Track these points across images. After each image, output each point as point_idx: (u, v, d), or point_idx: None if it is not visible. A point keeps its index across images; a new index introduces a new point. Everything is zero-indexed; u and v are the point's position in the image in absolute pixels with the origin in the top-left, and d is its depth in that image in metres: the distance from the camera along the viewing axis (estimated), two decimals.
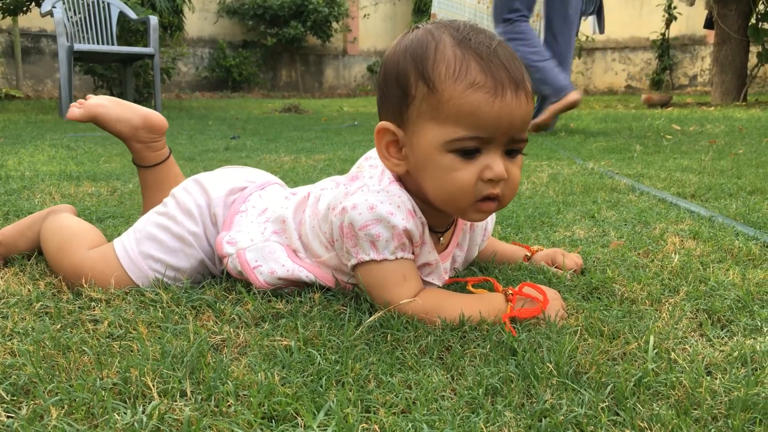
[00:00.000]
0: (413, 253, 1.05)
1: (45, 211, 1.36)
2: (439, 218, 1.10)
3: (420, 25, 1.04)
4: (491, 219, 1.27)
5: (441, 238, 1.14)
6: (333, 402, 0.73)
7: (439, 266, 1.11)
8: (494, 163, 0.97)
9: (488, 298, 1.03)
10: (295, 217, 1.15)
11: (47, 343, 0.89)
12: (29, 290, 1.12)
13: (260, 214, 1.19)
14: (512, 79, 0.96)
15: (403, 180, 1.05)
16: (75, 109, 1.36)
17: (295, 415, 0.71)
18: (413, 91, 0.98)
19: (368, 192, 1.02)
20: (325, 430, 0.68)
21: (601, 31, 6.14)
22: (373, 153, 1.10)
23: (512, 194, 1.02)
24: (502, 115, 0.95)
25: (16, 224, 1.35)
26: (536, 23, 7.96)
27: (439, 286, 1.12)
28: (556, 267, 1.26)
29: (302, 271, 1.10)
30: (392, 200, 1.01)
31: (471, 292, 1.09)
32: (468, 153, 0.97)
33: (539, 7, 7.91)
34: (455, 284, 1.16)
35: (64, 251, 1.19)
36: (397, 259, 1.02)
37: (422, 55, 0.98)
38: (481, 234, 1.25)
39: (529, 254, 1.31)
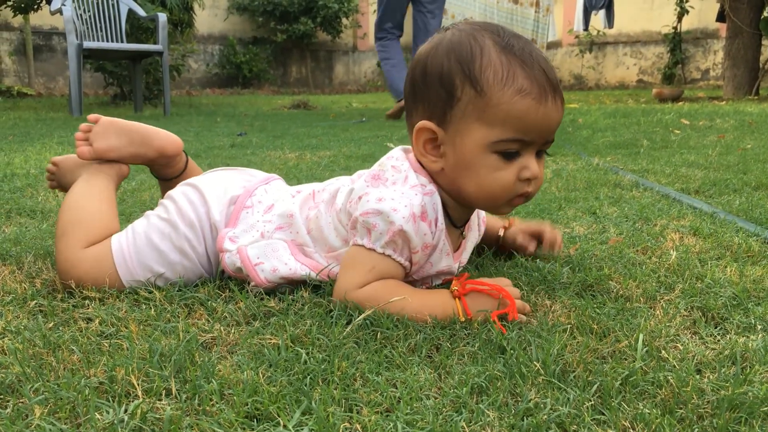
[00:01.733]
0: (411, 261, 1.05)
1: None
2: (463, 214, 1.14)
3: (454, 26, 1.07)
4: None
5: (462, 232, 1.18)
6: (315, 401, 0.73)
7: (452, 270, 1.13)
8: (531, 164, 1.03)
9: (434, 295, 1.03)
10: (302, 212, 1.16)
11: (38, 341, 0.90)
12: (25, 288, 1.13)
13: (267, 210, 1.19)
14: (552, 85, 1.01)
15: (434, 178, 1.07)
16: (85, 149, 1.31)
17: (277, 414, 0.71)
18: (459, 93, 1.01)
19: (384, 189, 1.04)
20: (302, 429, 0.68)
21: (611, 25, 6.10)
22: (396, 153, 1.11)
23: (538, 190, 1.08)
24: (544, 121, 1.01)
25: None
26: (546, 17, 7.92)
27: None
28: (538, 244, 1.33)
29: (304, 269, 1.10)
30: (402, 200, 1.02)
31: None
32: (510, 154, 1.02)
33: (548, 0, 7.88)
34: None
35: (63, 240, 1.16)
36: (384, 254, 1.02)
37: (468, 59, 1.01)
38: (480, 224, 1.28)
39: (506, 226, 1.33)
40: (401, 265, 1.05)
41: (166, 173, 1.42)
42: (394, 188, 1.04)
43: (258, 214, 1.18)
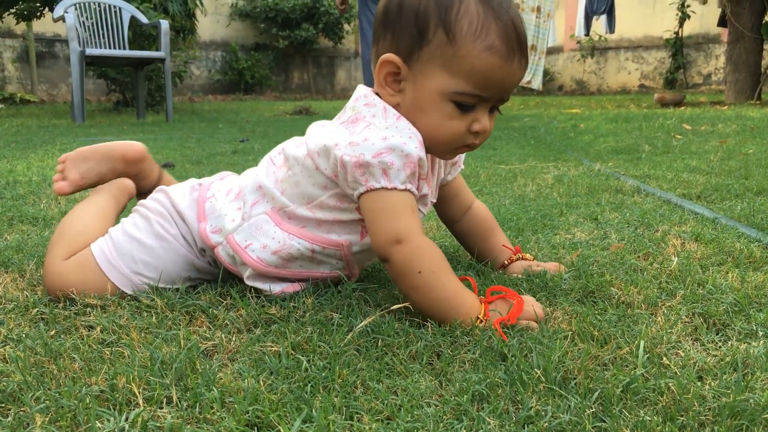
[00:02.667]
0: (417, 188, 1.07)
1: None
2: None
3: None
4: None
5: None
6: (316, 409, 0.73)
7: (428, 195, 1.15)
8: (483, 118, 1.07)
9: (467, 292, 1.03)
10: (269, 179, 1.15)
11: (39, 349, 0.90)
12: (27, 296, 1.13)
13: (227, 194, 1.19)
14: (521, 46, 1.04)
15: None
16: (62, 184, 1.34)
17: (277, 422, 0.71)
18: (430, 35, 1.02)
19: (377, 128, 1.04)
20: None
21: (612, 30, 6.12)
22: (361, 92, 1.12)
23: (483, 142, 1.12)
24: (506, 80, 1.04)
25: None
26: (547, 23, 7.93)
27: (424, 214, 1.17)
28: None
29: (293, 239, 1.10)
30: (403, 133, 1.03)
31: None
32: (466, 107, 1.05)
33: (549, 6, 7.89)
34: None
35: (47, 255, 1.17)
36: (406, 189, 1.03)
37: (447, 3, 1.02)
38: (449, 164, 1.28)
39: (507, 262, 1.30)
40: (414, 196, 1.06)
41: (142, 186, 1.43)
42: (386, 123, 1.05)
43: (221, 199, 1.18)
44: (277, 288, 1.13)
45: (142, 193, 1.43)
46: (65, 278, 1.13)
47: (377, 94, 1.10)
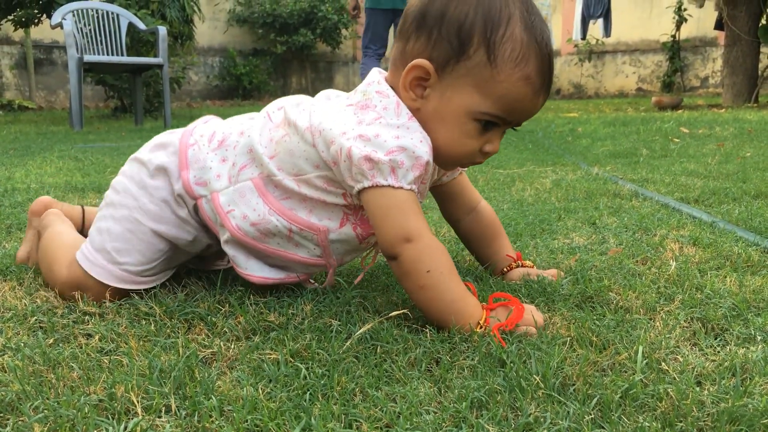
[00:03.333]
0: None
1: (37, 224, 1.38)
2: None
3: None
4: None
5: None
6: (315, 417, 0.73)
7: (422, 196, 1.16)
8: (495, 141, 1.08)
9: (473, 301, 1.02)
10: (262, 138, 1.13)
11: (37, 358, 0.90)
12: (25, 304, 1.13)
13: (210, 140, 1.17)
14: (550, 81, 1.05)
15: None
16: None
17: (276, 430, 0.71)
18: (471, 51, 1.01)
19: (388, 126, 1.03)
20: None
21: (608, 34, 6.15)
22: (374, 77, 1.09)
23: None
24: (530, 110, 1.06)
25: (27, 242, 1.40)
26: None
27: None
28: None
29: (273, 215, 1.10)
30: (414, 135, 1.03)
31: None
32: (488, 126, 1.05)
33: (546, 10, 7.89)
34: None
35: (51, 272, 1.22)
36: (411, 190, 1.03)
37: (494, 22, 1.00)
38: None
39: (506, 269, 1.30)
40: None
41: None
42: (397, 120, 1.03)
43: (204, 148, 1.16)
44: (256, 272, 1.15)
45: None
46: (68, 285, 1.16)
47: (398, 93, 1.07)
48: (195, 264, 1.33)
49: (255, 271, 1.16)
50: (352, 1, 6.28)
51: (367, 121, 1.04)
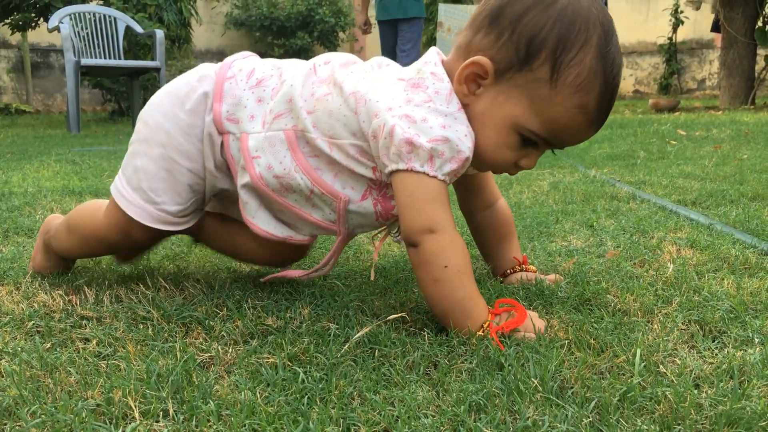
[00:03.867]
0: None
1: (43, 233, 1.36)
2: None
3: None
4: None
5: None
6: (313, 421, 0.73)
7: None
8: (532, 158, 1.07)
9: (482, 303, 1.02)
10: (304, 90, 1.10)
11: (35, 363, 0.89)
12: (22, 308, 1.13)
13: (249, 76, 1.14)
14: (607, 114, 1.03)
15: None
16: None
17: None
18: (536, 65, 0.98)
19: (436, 112, 1.00)
20: None
21: None
22: (431, 57, 1.07)
23: None
24: (577, 138, 1.05)
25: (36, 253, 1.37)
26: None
27: None
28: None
29: (298, 172, 1.08)
30: (460, 128, 1.01)
31: None
32: (528, 143, 1.04)
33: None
34: None
35: (82, 237, 1.25)
36: (443, 182, 1.01)
37: (567, 43, 0.97)
38: None
39: (509, 271, 1.30)
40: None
41: None
42: (447, 108, 1.01)
43: (242, 83, 1.13)
44: (262, 224, 1.14)
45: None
46: (102, 232, 1.21)
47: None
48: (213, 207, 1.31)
49: (262, 223, 1.14)
50: (361, 17, 6.46)
51: (416, 101, 1.01)
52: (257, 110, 1.11)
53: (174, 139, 1.14)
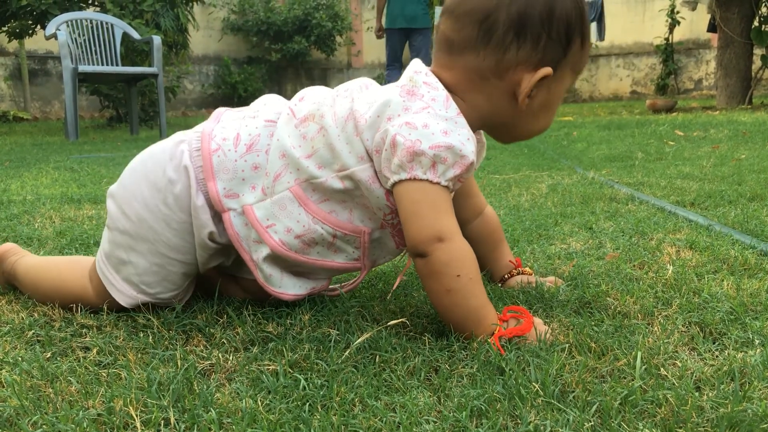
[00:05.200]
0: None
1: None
2: None
3: None
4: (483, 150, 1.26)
5: None
6: (314, 428, 0.73)
7: None
8: None
9: (493, 310, 1.01)
10: (292, 140, 1.06)
11: (35, 372, 0.89)
12: (22, 318, 1.13)
13: (236, 143, 1.08)
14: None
15: (471, 109, 1.06)
16: None
17: None
18: (573, 43, 1.05)
19: (437, 117, 1.00)
20: None
21: (602, 38, 6.20)
22: (419, 67, 1.06)
23: None
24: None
25: None
26: None
27: None
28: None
29: (317, 224, 1.06)
30: (462, 132, 1.01)
31: None
32: None
33: None
34: None
35: (60, 296, 1.18)
36: (448, 188, 1.00)
37: (585, 12, 1.07)
38: None
39: (507, 276, 1.30)
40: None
41: None
42: (446, 113, 1.01)
43: (231, 154, 1.07)
44: (289, 289, 1.12)
45: None
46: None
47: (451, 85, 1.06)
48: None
49: (288, 288, 1.12)
50: (377, 23, 7.03)
51: (414, 109, 1.01)
52: (255, 179, 1.08)
53: (162, 236, 1.10)
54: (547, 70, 1.02)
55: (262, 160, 1.08)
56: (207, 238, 1.09)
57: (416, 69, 1.06)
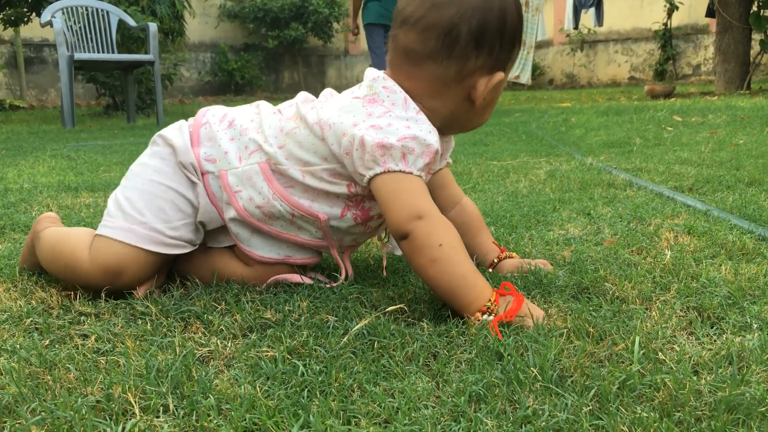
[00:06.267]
0: None
1: (31, 232, 1.33)
2: None
3: None
4: (449, 147, 1.32)
5: None
6: (313, 414, 0.73)
7: None
8: None
9: (483, 278, 1.03)
10: (272, 130, 1.18)
11: (34, 360, 0.89)
12: (20, 306, 1.13)
13: (221, 120, 1.22)
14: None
15: (431, 110, 1.13)
16: None
17: (275, 428, 0.71)
18: (515, 47, 1.14)
19: (398, 117, 1.08)
20: None
21: (600, 23, 6.19)
22: (375, 73, 1.15)
23: None
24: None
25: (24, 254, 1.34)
26: (536, 17, 7.93)
27: None
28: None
29: (276, 200, 1.14)
30: (423, 126, 1.09)
31: None
32: None
33: (537, 0, 7.89)
34: None
35: (70, 266, 1.17)
36: (420, 177, 1.08)
37: (522, 21, 1.15)
38: None
39: (495, 260, 1.30)
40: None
41: None
42: (406, 114, 1.09)
43: (215, 126, 1.21)
44: (258, 250, 1.19)
45: None
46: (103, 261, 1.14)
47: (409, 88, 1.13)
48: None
49: (257, 249, 1.20)
50: (352, 22, 6.84)
51: (377, 114, 1.08)
52: (231, 147, 1.18)
53: (153, 166, 1.20)
54: (500, 75, 1.12)
55: (237, 134, 1.19)
56: (189, 164, 1.18)
57: (373, 76, 1.14)
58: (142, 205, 1.16)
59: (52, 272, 1.24)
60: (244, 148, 1.17)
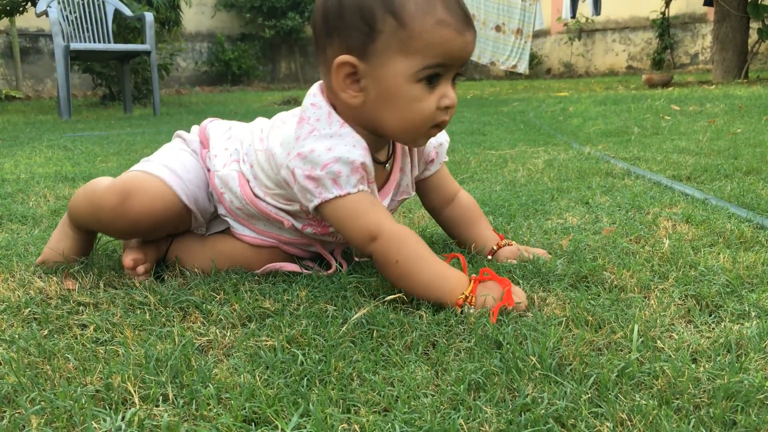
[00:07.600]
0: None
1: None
2: (379, 148, 1.19)
3: None
4: (443, 149, 1.32)
5: (387, 166, 1.22)
6: (313, 403, 0.73)
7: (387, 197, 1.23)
8: (449, 92, 1.08)
9: (454, 274, 1.03)
10: (250, 148, 1.21)
11: (32, 350, 0.89)
12: (18, 296, 1.12)
13: (225, 131, 1.28)
14: (467, 19, 1.06)
15: (352, 115, 1.10)
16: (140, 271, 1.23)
17: (274, 417, 0.71)
18: (380, 25, 1.03)
19: (321, 137, 1.07)
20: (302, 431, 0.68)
21: (598, 12, 6.18)
22: (313, 90, 1.14)
23: (450, 118, 1.12)
24: (462, 50, 1.06)
25: (53, 240, 1.31)
26: (533, 6, 7.90)
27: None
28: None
29: (249, 206, 1.19)
30: (347, 141, 1.07)
31: None
32: (432, 80, 1.05)
33: None
34: None
35: (89, 193, 1.21)
36: (359, 191, 1.08)
37: None
38: (420, 155, 1.30)
39: (495, 248, 1.30)
40: (371, 193, 1.11)
41: None
42: (329, 130, 1.08)
43: (218, 133, 1.28)
44: (250, 233, 1.23)
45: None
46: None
47: (339, 97, 1.10)
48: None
49: (249, 233, 1.24)
50: None
51: (303, 136, 1.08)
52: (219, 150, 1.24)
53: (176, 143, 1.31)
54: (342, 58, 1.05)
55: (230, 145, 1.25)
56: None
57: (310, 92, 1.15)
58: (167, 159, 1.22)
59: (75, 214, 1.24)
60: (228, 155, 1.23)
